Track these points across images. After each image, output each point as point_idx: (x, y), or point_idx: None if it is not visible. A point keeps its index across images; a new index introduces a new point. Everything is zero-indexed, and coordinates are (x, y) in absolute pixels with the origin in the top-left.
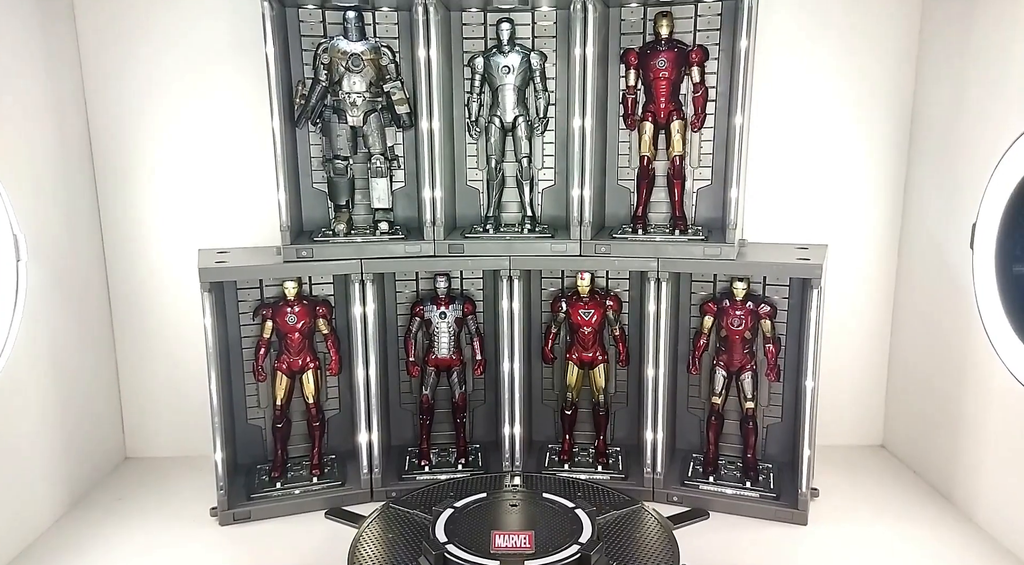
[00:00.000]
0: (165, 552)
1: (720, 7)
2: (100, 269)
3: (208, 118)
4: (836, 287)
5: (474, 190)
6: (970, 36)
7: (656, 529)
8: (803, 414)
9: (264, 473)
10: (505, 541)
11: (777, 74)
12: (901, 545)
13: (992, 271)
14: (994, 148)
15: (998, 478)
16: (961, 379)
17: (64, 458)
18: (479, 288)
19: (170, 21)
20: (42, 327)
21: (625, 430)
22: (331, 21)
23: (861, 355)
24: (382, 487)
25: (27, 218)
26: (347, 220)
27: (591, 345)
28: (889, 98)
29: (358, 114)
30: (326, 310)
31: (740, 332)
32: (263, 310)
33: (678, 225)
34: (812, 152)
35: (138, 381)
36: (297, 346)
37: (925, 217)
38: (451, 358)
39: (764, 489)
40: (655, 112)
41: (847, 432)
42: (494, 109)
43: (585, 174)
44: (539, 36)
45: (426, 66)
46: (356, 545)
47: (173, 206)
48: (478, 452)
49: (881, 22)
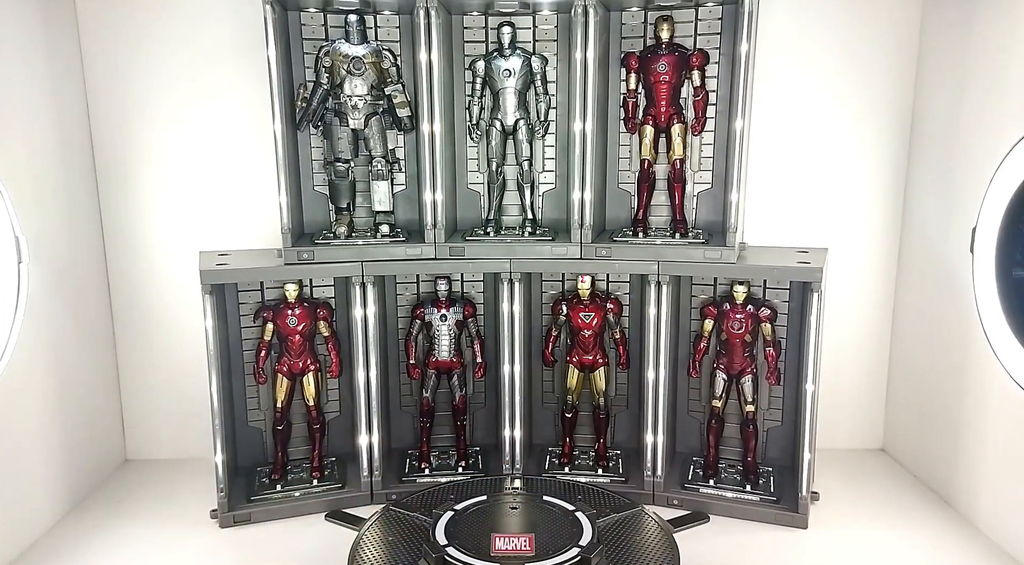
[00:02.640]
0: (165, 554)
1: (720, 11)
2: (101, 271)
3: (210, 121)
4: (836, 291)
5: (475, 193)
6: (969, 42)
7: (656, 532)
8: (803, 418)
9: (264, 475)
10: (505, 544)
11: (777, 78)
12: (901, 549)
13: (992, 275)
14: (994, 152)
15: (998, 482)
16: (961, 383)
17: (64, 460)
18: (480, 291)
19: (172, 24)
20: (43, 329)
21: (625, 433)
22: (332, 24)
23: (861, 359)
24: (382, 490)
25: (29, 220)
26: (348, 223)
27: (591, 348)
28: (889, 102)
29: (359, 117)
30: (327, 312)
31: (740, 335)
32: (264, 312)
33: (678, 228)
34: (812, 156)
35: (139, 383)
36: (298, 348)
37: (925, 221)
38: (451, 361)
39: (764, 492)
40: (656, 116)
41: (847, 436)
42: (495, 112)
43: (586, 177)
44: (540, 40)
45: (427, 69)
46: (357, 547)
47: (174, 208)
48: (478, 455)
49: (881, 28)
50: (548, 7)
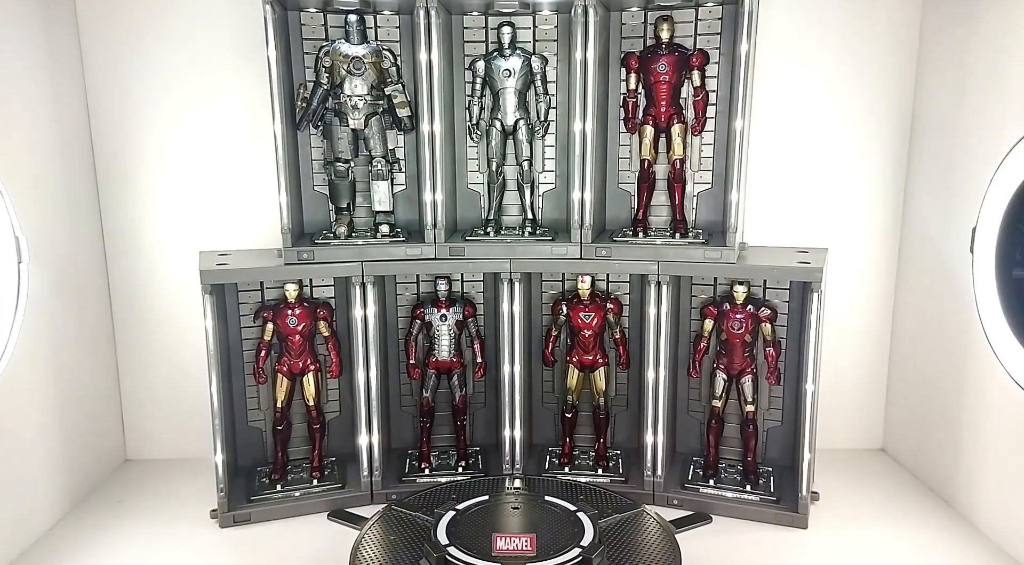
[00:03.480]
0: (165, 554)
1: (720, 11)
2: (101, 271)
3: (210, 121)
4: (836, 291)
5: (475, 193)
6: (969, 41)
7: (658, 532)
8: (803, 418)
9: (264, 475)
10: (506, 544)
11: (777, 78)
12: (901, 549)
13: (992, 275)
14: (994, 152)
15: (998, 482)
16: (961, 383)
17: (64, 460)
18: (480, 291)
19: (172, 24)
20: (43, 329)
21: (625, 433)
22: (333, 24)
23: (861, 359)
24: (382, 490)
25: (29, 220)
26: (348, 223)
27: (591, 348)
28: (889, 102)
29: (359, 117)
30: (327, 312)
31: (740, 335)
32: (264, 312)
33: (678, 228)
34: (812, 156)
35: (139, 383)
36: (298, 348)
37: (925, 221)
38: (451, 361)
39: (764, 493)
40: (656, 116)
41: (847, 436)
42: (495, 112)
43: (586, 177)
44: (540, 40)
45: (427, 69)
46: (358, 547)
47: (174, 208)
48: (478, 455)
49: (881, 27)
50: (548, 7)
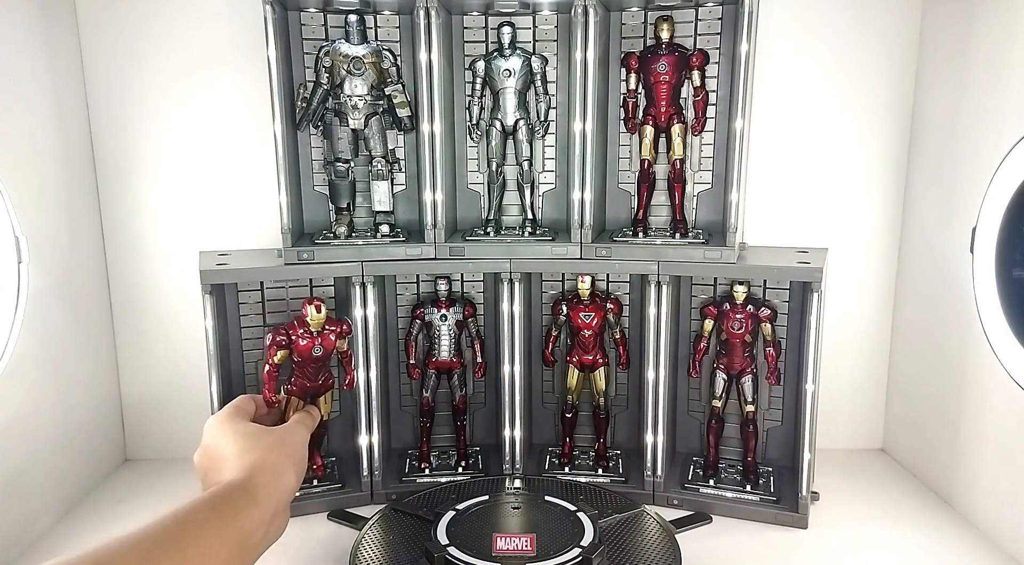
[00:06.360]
0: None
1: (721, 11)
2: (101, 271)
3: (210, 121)
4: (836, 291)
5: (475, 193)
6: (969, 40)
7: (658, 532)
8: (803, 418)
9: None
10: (507, 544)
11: (777, 78)
12: (901, 548)
13: (992, 275)
14: (995, 151)
15: (998, 482)
16: (961, 383)
17: (63, 460)
18: (480, 291)
19: (172, 24)
20: (43, 329)
21: (625, 433)
22: (333, 24)
23: (861, 359)
24: (382, 490)
25: (29, 220)
26: (348, 223)
27: (591, 348)
28: (889, 101)
29: (359, 117)
30: (347, 328)
31: (740, 335)
32: (279, 335)
33: (678, 228)
34: (812, 156)
35: (138, 383)
36: (316, 371)
37: (925, 221)
38: (451, 361)
39: (764, 493)
40: (656, 116)
41: (847, 436)
42: (495, 112)
43: (586, 177)
44: (540, 40)
45: (427, 69)
46: (357, 547)
47: (174, 208)
48: (478, 455)
49: (881, 27)
50: (548, 7)
